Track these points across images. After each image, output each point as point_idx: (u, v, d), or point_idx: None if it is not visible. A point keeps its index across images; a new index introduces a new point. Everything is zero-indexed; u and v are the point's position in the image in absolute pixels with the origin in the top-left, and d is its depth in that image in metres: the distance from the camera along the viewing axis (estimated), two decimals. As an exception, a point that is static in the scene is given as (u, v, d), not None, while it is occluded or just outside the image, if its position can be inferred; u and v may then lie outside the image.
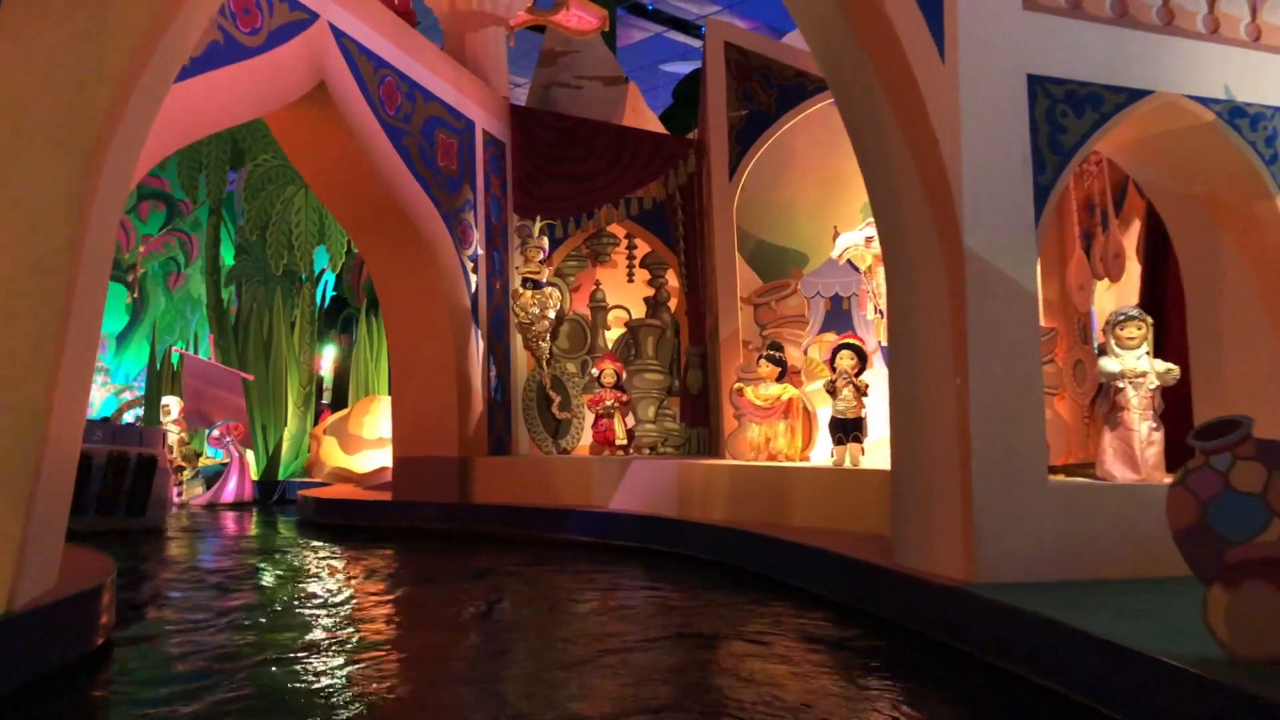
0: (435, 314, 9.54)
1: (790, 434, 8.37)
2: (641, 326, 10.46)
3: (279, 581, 6.62)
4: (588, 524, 8.57)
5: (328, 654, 4.42)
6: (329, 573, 7.00)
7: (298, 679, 3.97)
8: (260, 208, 15.01)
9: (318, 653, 4.43)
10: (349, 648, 4.56)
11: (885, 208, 5.35)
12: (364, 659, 4.35)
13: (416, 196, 9.12)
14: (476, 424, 9.81)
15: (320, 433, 14.43)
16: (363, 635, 4.88)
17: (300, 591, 6.19)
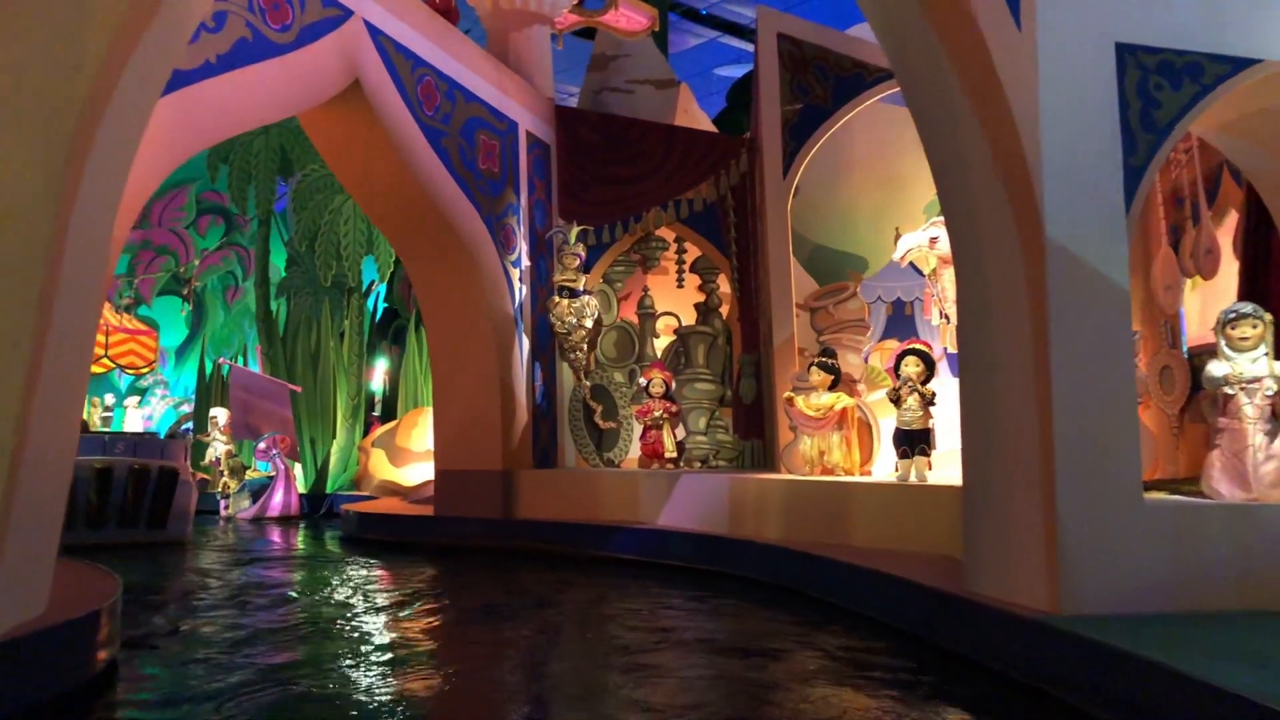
0: (478, 322, 9.20)
1: (846, 446, 7.85)
2: (692, 334, 10.00)
3: (300, 602, 6.28)
4: (635, 541, 8.15)
5: (345, 683, 4.04)
6: (358, 594, 6.65)
7: (306, 711, 3.60)
8: (309, 218, 14.89)
9: (332, 681, 4.05)
10: (368, 680, 4.17)
11: (955, 198, 4.85)
12: (383, 693, 3.96)
13: (457, 200, 8.80)
14: (520, 436, 9.44)
15: (369, 445, 14.22)
16: (383, 668, 4.49)
17: (321, 615, 5.84)
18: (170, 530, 9.54)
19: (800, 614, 5.80)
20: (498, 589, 6.97)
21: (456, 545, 9.11)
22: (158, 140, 6.15)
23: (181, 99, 6.26)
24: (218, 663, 4.50)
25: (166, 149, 6.23)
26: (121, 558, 8.48)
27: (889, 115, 9.69)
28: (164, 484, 9.44)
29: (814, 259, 10.33)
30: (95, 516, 9.07)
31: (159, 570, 7.92)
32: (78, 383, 3.94)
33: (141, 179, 6.10)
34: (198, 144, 6.51)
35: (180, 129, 6.29)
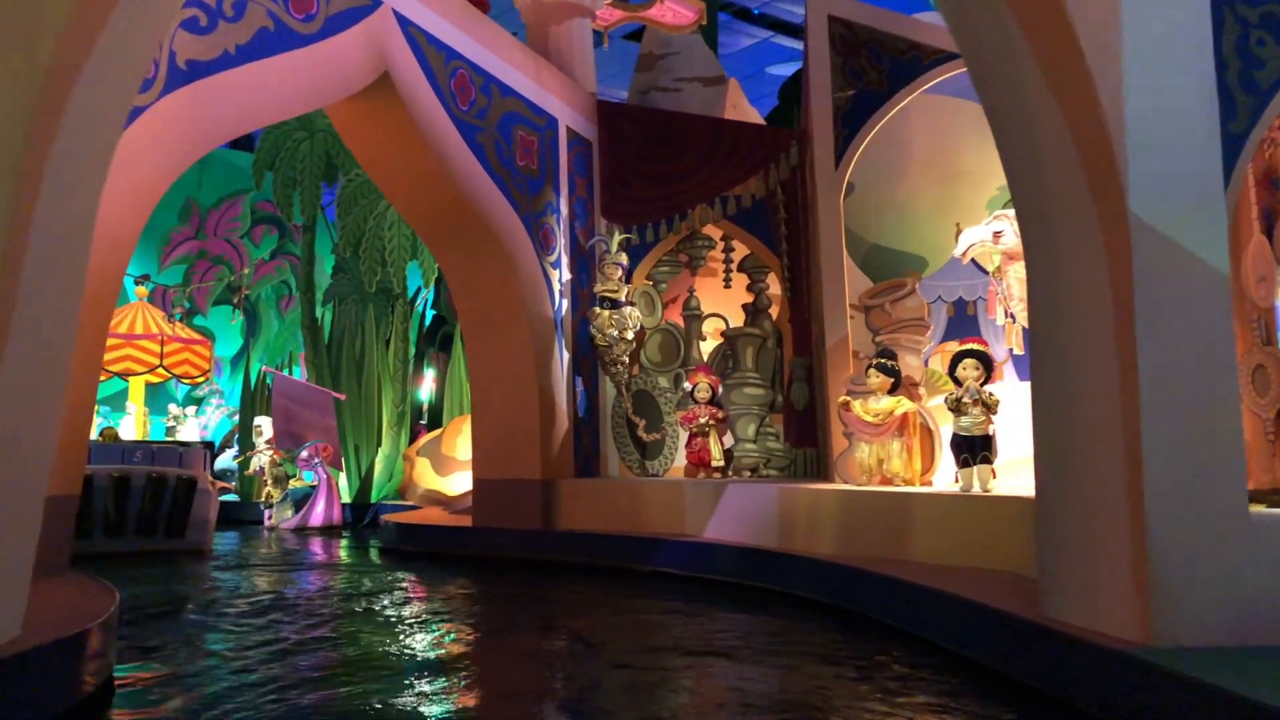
0: (515, 325, 8.84)
1: (907, 454, 7.33)
2: (740, 336, 9.54)
3: (320, 618, 5.94)
4: (679, 555, 7.71)
5: (357, 710, 3.66)
6: (385, 609, 6.30)
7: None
8: (354, 224, 14.72)
9: (345, 710, 3.68)
10: (379, 706, 3.78)
11: (1024, 174, 4.34)
12: None
13: (493, 198, 8.45)
14: (561, 444, 9.05)
15: (413, 454, 13.94)
16: (398, 692, 4.11)
17: (339, 631, 5.49)
18: (189, 539, 9.53)
19: (856, 637, 5.31)
20: (533, 605, 6.58)
21: (494, 557, 8.75)
22: (174, 133, 5.89)
23: (199, 91, 5.99)
24: (217, 686, 4.15)
25: (184, 142, 5.97)
26: (138, 566, 8.51)
27: (949, 107, 9.20)
28: (182, 493, 9.45)
29: (870, 259, 9.82)
30: (113, 525, 9.12)
31: (172, 579, 7.67)
32: (53, 385, 3.61)
33: (158, 172, 5.85)
34: (217, 137, 6.24)
35: (198, 122, 6.02)
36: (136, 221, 5.69)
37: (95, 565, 8.37)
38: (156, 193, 5.81)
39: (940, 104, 9.16)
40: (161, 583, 7.57)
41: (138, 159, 5.64)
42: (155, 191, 5.80)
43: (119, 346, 22.79)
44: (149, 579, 7.73)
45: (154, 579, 7.76)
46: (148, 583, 7.51)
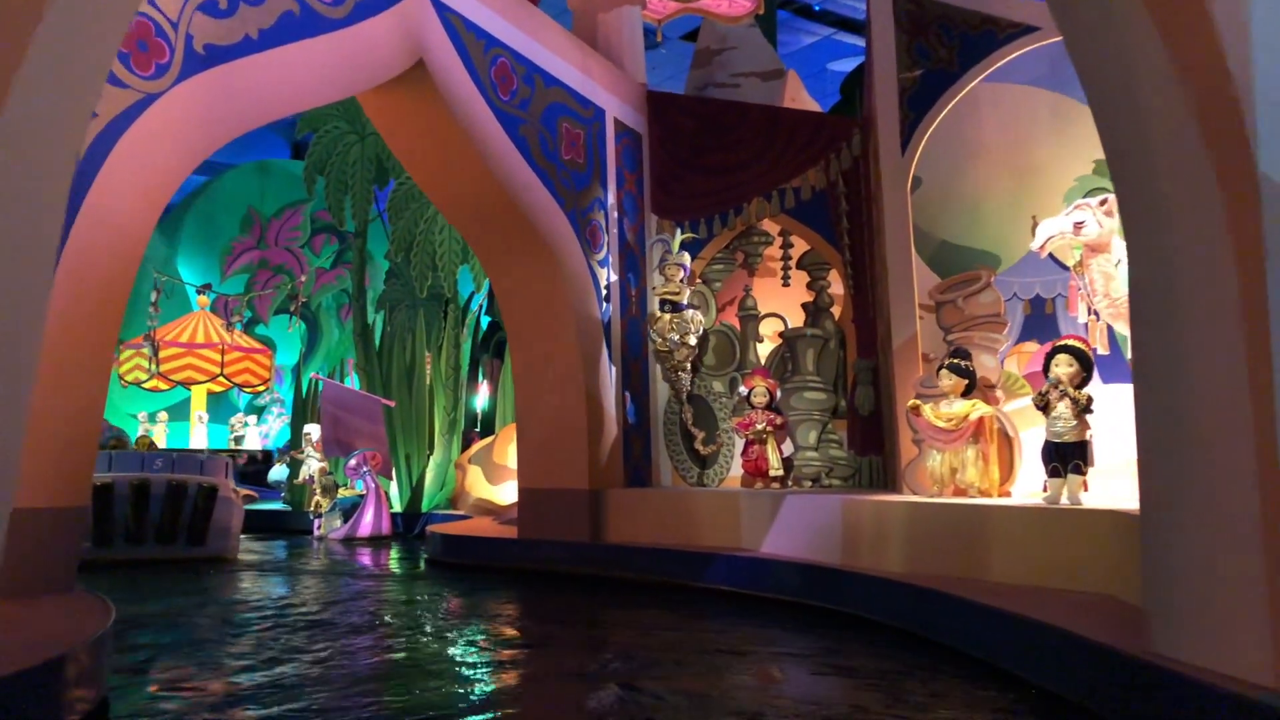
0: (561, 326, 8.39)
1: (983, 462, 6.70)
2: (800, 337, 8.97)
3: (336, 636, 5.52)
4: (734, 571, 7.18)
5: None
6: (418, 629, 5.86)
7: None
8: (404, 228, 14.45)
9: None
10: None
11: (1123, 134, 3.73)
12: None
13: (536, 192, 8.02)
14: (610, 452, 8.57)
15: (465, 462, 13.59)
16: None
17: (355, 653, 5.06)
18: (210, 546, 9.51)
19: (926, 666, 4.73)
20: (581, 628, 6.10)
21: (540, 571, 8.30)
22: (190, 122, 5.55)
23: (218, 78, 5.65)
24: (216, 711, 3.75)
25: (200, 132, 5.62)
26: (158, 573, 8.45)
27: (1021, 96, 8.59)
28: (202, 500, 9.41)
29: (939, 257, 9.19)
30: (133, 533, 9.14)
31: (184, 590, 7.34)
32: (17, 390, 3.21)
33: (172, 163, 5.51)
34: (238, 126, 5.88)
35: (216, 110, 5.68)
36: (149, 214, 5.35)
37: (116, 572, 8.55)
38: (171, 185, 5.47)
39: (1012, 94, 8.58)
40: (167, 593, 7.26)
41: (150, 149, 5.30)
42: (170, 183, 5.46)
43: (180, 355, 22.96)
44: (157, 589, 7.44)
45: (165, 589, 7.46)
46: (154, 593, 7.21)
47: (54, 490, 4.85)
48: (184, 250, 28.24)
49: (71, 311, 4.91)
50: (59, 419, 4.87)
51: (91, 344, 5.05)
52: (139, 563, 9.05)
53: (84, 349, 5.00)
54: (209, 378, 23.49)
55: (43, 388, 4.82)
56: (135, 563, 9.03)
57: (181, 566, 9.02)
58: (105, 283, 5.10)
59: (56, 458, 4.87)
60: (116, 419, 24.44)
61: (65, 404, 4.90)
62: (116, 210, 5.14)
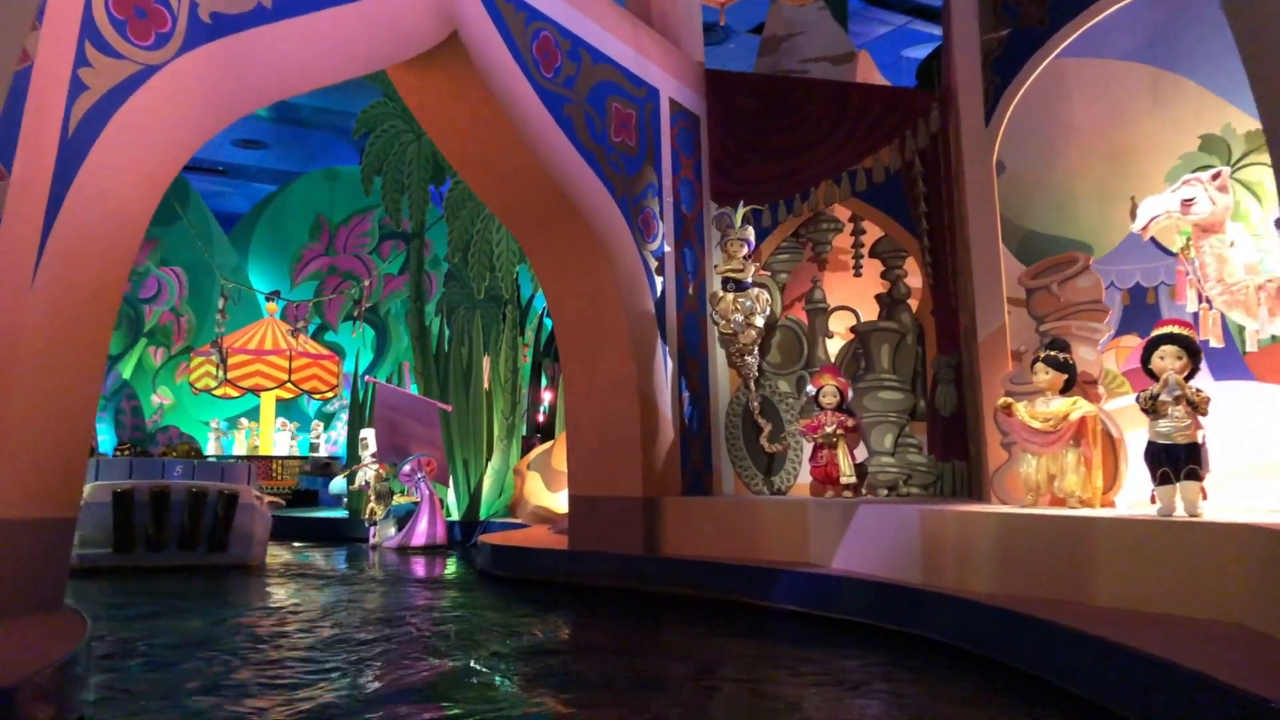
0: (612, 322, 7.78)
1: (1085, 468, 5.92)
2: (873, 331, 8.22)
3: (350, 657, 4.97)
4: (801, 589, 6.49)
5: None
6: (430, 652, 5.30)
7: None
8: (461, 228, 14.02)
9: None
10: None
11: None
12: None
13: (583, 177, 7.43)
14: (666, 457, 7.94)
15: (524, 468, 13.08)
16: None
17: (362, 684, 4.50)
18: (232, 554, 9.49)
19: (1022, 707, 4.00)
20: (638, 653, 5.47)
21: (591, 585, 7.71)
22: (194, 98, 5.09)
23: (226, 49, 5.18)
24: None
25: (206, 109, 5.14)
26: (178, 579, 8.28)
27: (1115, 73, 7.81)
28: (223, 507, 9.39)
29: (1025, 247, 8.39)
30: (154, 539, 9.16)
31: (203, 597, 6.90)
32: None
33: (175, 142, 5.04)
34: (250, 102, 5.41)
35: (224, 85, 5.20)
36: (149, 197, 4.89)
37: (137, 579, 8.51)
38: (174, 164, 5.00)
39: (1104, 70, 7.80)
40: (180, 600, 6.83)
41: (151, 125, 4.85)
42: (173, 163, 5.00)
43: (249, 362, 23.04)
44: (166, 598, 7.02)
45: (175, 596, 7.04)
46: (162, 606, 6.78)
47: (39, 500, 4.41)
48: (254, 258, 28.45)
49: (61, 302, 4.46)
50: (46, 421, 4.43)
51: (83, 338, 4.59)
52: (160, 569, 9.03)
53: (75, 344, 4.54)
54: (277, 384, 23.52)
55: (27, 386, 4.39)
56: (157, 569, 9.02)
57: (204, 573, 8.95)
58: (99, 271, 4.64)
59: (43, 464, 4.42)
60: (188, 426, 24.65)
61: (53, 405, 4.45)
62: (112, 192, 4.69)
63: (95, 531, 8.83)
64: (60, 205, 4.47)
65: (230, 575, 8.90)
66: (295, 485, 23.74)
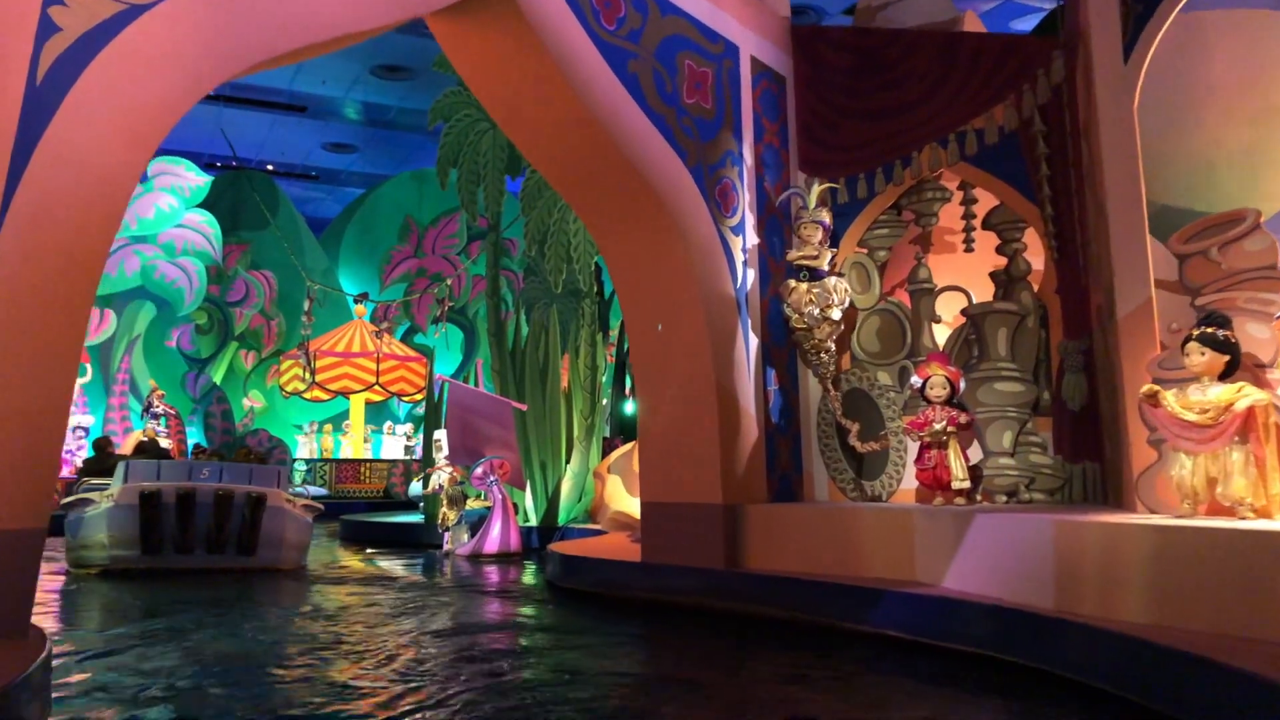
0: (686, 306, 6.92)
1: (1256, 469, 4.83)
2: (988, 314, 7.16)
3: (378, 682, 4.22)
4: (907, 612, 5.53)
5: None
6: (454, 684, 4.51)
7: None
8: (538, 219, 13.33)
9: None
10: None
11: None
12: None
13: (651, 142, 6.59)
14: (749, 459, 7.03)
15: (604, 470, 12.32)
16: None
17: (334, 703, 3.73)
18: (260, 557, 9.35)
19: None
20: (719, 688, 4.60)
21: (667, 603, 6.86)
22: (192, 44, 4.43)
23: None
24: None
25: (208, 57, 4.48)
26: (202, 582, 7.97)
27: (1262, 23, 6.65)
28: (251, 510, 9.23)
29: (1159, 223, 7.26)
30: (180, 541, 9.07)
31: (216, 604, 6.26)
32: None
33: (170, 95, 4.39)
34: (259, 51, 4.72)
35: (227, 31, 4.54)
36: (137, 158, 4.24)
37: (162, 580, 8.48)
38: (165, 120, 4.34)
39: (1249, 21, 6.68)
40: (191, 608, 6.21)
41: (135, 75, 4.20)
42: (164, 119, 4.34)
43: (337, 364, 22.88)
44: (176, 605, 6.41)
45: (182, 606, 6.43)
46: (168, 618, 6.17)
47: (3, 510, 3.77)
48: (344, 261, 28.47)
49: (24, 277, 3.82)
50: (9, 417, 3.79)
51: (53, 320, 3.95)
52: (188, 572, 8.98)
53: (43, 326, 3.90)
54: (365, 387, 23.38)
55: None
56: (186, 572, 8.97)
57: (233, 577, 8.86)
58: (72, 242, 3.99)
59: (4, 467, 3.78)
60: (279, 429, 24.68)
61: (18, 399, 3.81)
62: (89, 150, 4.05)
63: (124, 533, 8.84)
64: (25, 164, 3.84)
65: (260, 581, 8.68)
66: (384, 488, 23.54)
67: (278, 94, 24.78)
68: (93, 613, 7.05)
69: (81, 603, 7.49)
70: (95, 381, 19.83)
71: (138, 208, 20.71)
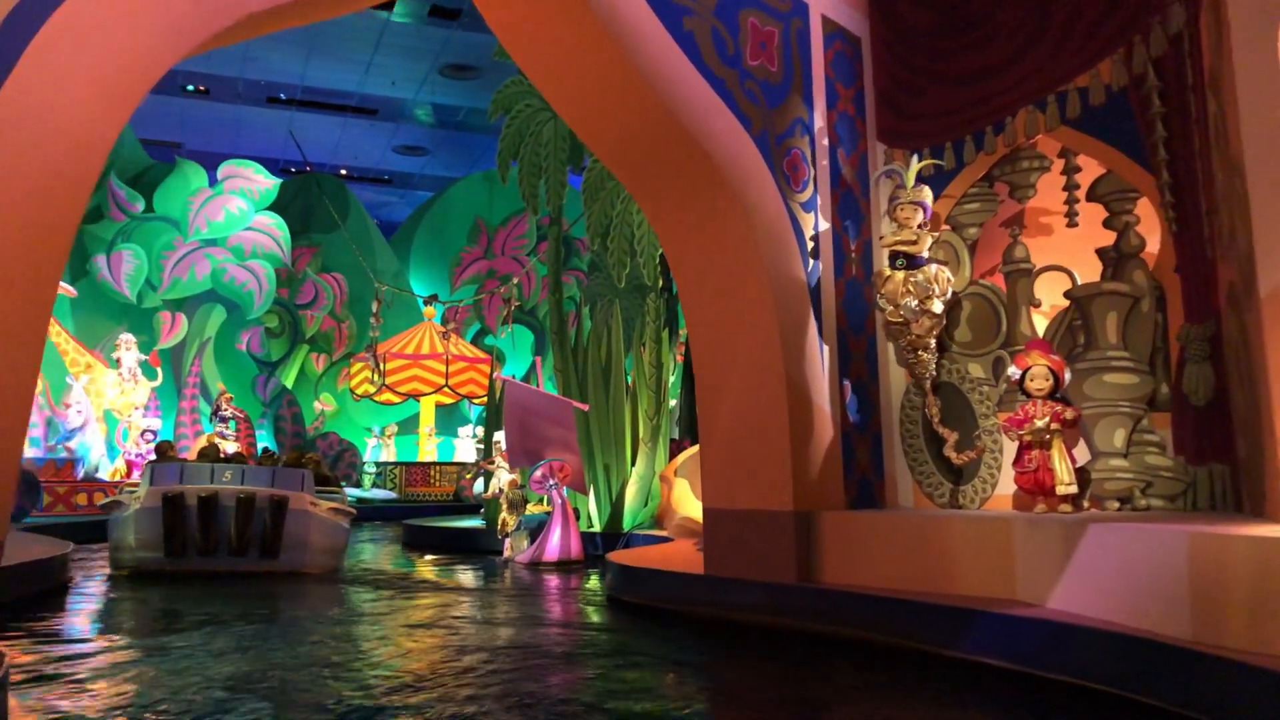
0: (750, 292, 6.24)
1: None
2: (1095, 296, 6.32)
3: None
4: (1006, 636, 4.78)
5: None
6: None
7: None
8: (600, 211, 12.76)
9: None
10: None
11: None
12: None
13: (710, 108, 5.93)
14: (824, 461, 6.31)
15: (670, 474, 11.66)
16: None
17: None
18: (284, 560, 9.22)
19: None
20: (781, 715, 3.93)
21: (732, 620, 6.19)
22: (163, 13, 3.91)
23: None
24: None
25: (183, 13, 3.96)
26: (224, 585, 7.78)
27: None
28: (272, 513, 9.13)
29: None
30: (203, 544, 8.99)
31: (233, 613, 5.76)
32: None
33: (151, 48, 3.90)
34: (238, 7, 4.18)
35: None
36: (113, 117, 3.75)
37: (186, 583, 8.52)
38: (146, 76, 3.84)
39: None
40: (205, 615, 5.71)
41: (109, 24, 3.70)
42: (144, 74, 3.83)
43: (406, 367, 22.63)
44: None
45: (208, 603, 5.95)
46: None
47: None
48: (415, 263, 28.35)
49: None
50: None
51: (15, 293, 3.46)
52: (215, 574, 8.94)
53: (2, 300, 3.41)
54: (434, 389, 23.10)
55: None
56: (213, 575, 8.93)
57: (257, 580, 8.81)
58: (35, 210, 3.50)
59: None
60: (350, 432, 24.59)
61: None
62: (54, 108, 3.56)
63: (149, 535, 8.84)
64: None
65: (282, 584, 8.58)
66: (454, 491, 23.24)
67: (348, 97, 24.76)
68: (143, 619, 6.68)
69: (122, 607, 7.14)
70: (167, 385, 19.91)
71: (207, 211, 20.78)
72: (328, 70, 22.93)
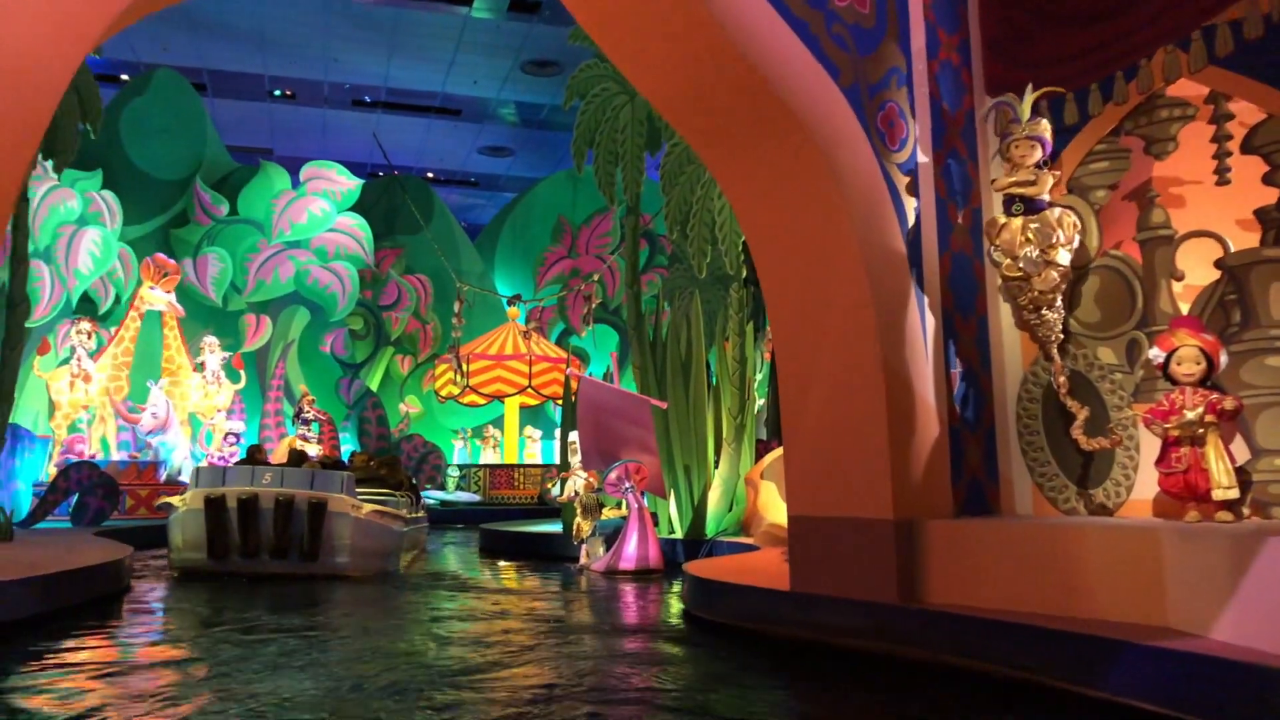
0: (841, 267, 5.44)
1: None
2: (1254, 265, 5.33)
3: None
4: (1156, 672, 3.91)
5: None
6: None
7: None
8: (679, 197, 12.06)
9: None
10: None
11: None
12: None
13: (791, 55, 5.15)
14: (928, 461, 5.46)
15: (756, 477, 10.86)
16: None
17: None
18: (324, 562, 9.08)
19: None
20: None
21: (824, 643, 5.40)
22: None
23: None
24: None
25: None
26: (256, 587, 7.89)
27: None
28: (311, 515, 8.99)
29: None
30: (244, 546, 8.99)
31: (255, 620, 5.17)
32: None
33: None
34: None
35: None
36: (62, 53, 3.16)
37: (217, 583, 8.62)
38: (102, 11, 3.25)
39: None
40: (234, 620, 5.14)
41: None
42: (100, 9, 3.24)
43: (490, 368, 22.24)
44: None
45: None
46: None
47: None
48: (500, 264, 28.09)
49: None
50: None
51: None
52: (259, 576, 8.94)
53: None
54: (518, 390, 22.69)
55: None
56: (256, 576, 8.94)
57: (296, 583, 8.76)
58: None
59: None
60: (436, 434, 24.37)
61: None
62: (11, 42, 2.99)
63: (193, 536, 8.89)
64: (-93, 55, 2.81)
65: (326, 590, 8.37)
66: (538, 494, 22.79)
67: (431, 97, 24.61)
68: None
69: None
70: (251, 387, 19.90)
71: (290, 213, 20.75)
72: (410, 70, 22.78)
